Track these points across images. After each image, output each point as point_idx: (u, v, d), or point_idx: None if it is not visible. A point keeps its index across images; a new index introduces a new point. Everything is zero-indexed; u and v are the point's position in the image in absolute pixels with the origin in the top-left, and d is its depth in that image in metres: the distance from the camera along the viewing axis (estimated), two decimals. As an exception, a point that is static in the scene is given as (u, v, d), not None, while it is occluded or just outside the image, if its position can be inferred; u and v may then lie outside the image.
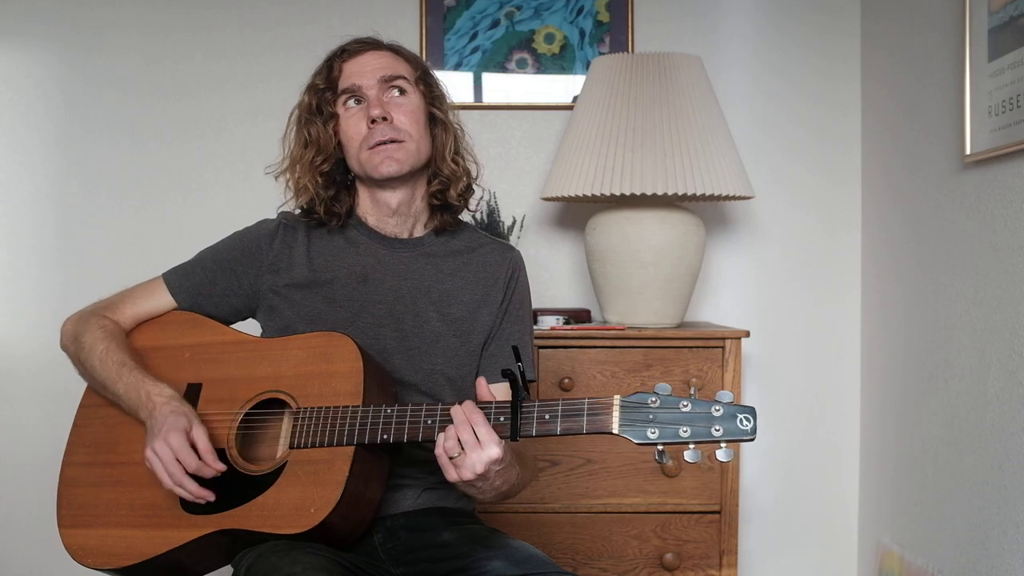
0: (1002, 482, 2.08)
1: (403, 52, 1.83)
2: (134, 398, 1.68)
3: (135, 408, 1.68)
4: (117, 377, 1.71)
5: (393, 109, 1.76)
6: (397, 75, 1.77)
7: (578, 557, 2.39)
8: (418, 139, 1.77)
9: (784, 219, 2.89)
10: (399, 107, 1.76)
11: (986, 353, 2.15)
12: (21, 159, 2.83)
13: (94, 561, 1.66)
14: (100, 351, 1.74)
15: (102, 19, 2.82)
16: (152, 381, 1.68)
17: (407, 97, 1.78)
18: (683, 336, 2.42)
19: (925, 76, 2.47)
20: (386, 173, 1.75)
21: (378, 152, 1.74)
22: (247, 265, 1.81)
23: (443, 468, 1.49)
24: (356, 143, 1.76)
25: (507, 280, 1.84)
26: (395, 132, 1.75)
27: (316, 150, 1.78)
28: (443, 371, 1.77)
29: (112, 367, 1.72)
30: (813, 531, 2.91)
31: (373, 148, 1.74)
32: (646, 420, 1.42)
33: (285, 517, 1.55)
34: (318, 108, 1.78)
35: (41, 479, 1.99)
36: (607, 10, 2.85)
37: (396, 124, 1.75)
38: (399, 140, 1.75)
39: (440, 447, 1.48)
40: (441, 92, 1.84)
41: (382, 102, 1.76)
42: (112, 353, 1.73)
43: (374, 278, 1.79)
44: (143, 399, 1.66)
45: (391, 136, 1.74)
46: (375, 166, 1.75)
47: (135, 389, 1.68)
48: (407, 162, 1.76)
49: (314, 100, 1.79)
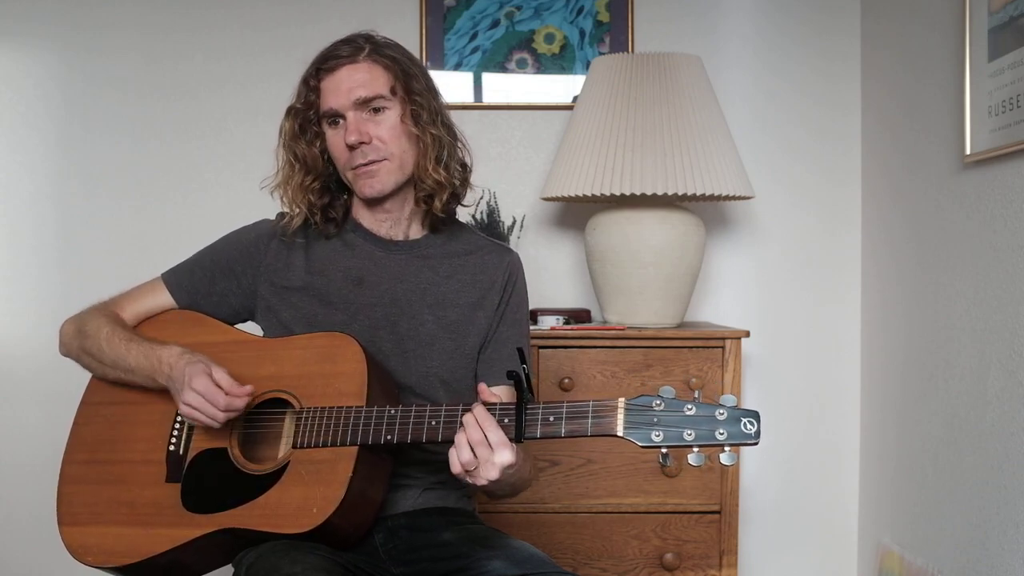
0: (1002, 482, 2.08)
1: (382, 58, 1.75)
2: (147, 366, 1.70)
3: (151, 375, 1.70)
4: (127, 351, 1.73)
5: (371, 128, 1.72)
6: (373, 95, 1.72)
7: (578, 557, 2.39)
8: (400, 154, 1.75)
9: (784, 219, 2.90)
10: (377, 125, 1.73)
11: (986, 353, 2.15)
12: (21, 159, 2.83)
13: (94, 559, 1.66)
14: (106, 333, 1.76)
15: (102, 19, 2.82)
16: (161, 345, 1.70)
17: (385, 114, 1.73)
18: (683, 336, 2.42)
19: (925, 76, 2.47)
20: (369, 195, 1.76)
21: (359, 176, 1.74)
22: (246, 265, 1.81)
23: (460, 479, 1.50)
24: (341, 163, 1.76)
25: (504, 283, 1.83)
26: (375, 152, 1.73)
27: (305, 171, 1.77)
28: (438, 374, 1.77)
29: (120, 344, 1.74)
30: (813, 531, 2.91)
31: (355, 171, 1.74)
32: (650, 423, 1.42)
33: (287, 516, 1.55)
34: (301, 129, 1.76)
35: (41, 479, 1.99)
36: (607, 10, 2.85)
37: (375, 144, 1.72)
38: (379, 160, 1.73)
39: (456, 464, 1.47)
40: (426, 99, 1.76)
41: (359, 123, 1.72)
42: (117, 333, 1.76)
43: (370, 281, 1.79)
44: (156, 364, 1.68)
45: (371, 158, 1.73)
46: (359, 189, 1.76)
47: (146, 357, 1.70)
48: (389, 181, 1.75)
49: (296, 123, 1.76)
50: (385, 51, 1.76)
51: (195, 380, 1.61)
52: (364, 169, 1.73)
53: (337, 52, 1.74)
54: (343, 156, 1.75)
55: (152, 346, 1.71)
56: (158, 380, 1.69)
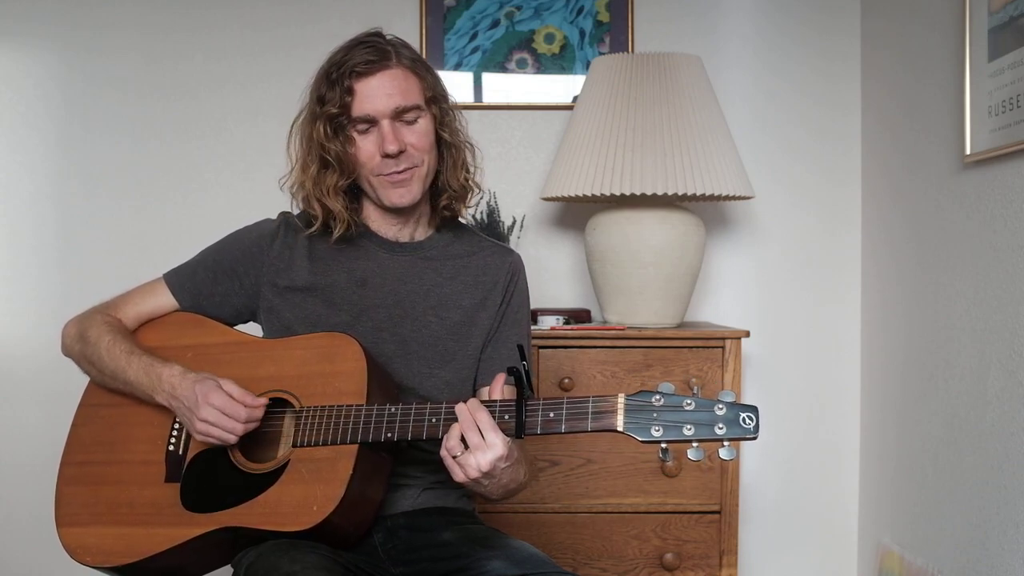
0: (1002, 482, 2.08)
1: (416, 68, 1.75)
2: (147, 382, 1.69)
3: (150, 392, 1.69)
4: (127, 365, 1.72)
5: (406, 135, 1.72)
6: (411, 104, 1.71)
7: (578, 557, 2.39)
8: (430, 161, 1.76)
9: (784, 219, 2.90)
10: (412, 132, 1.73)
11: (986, 353, 2.15)
12: (21, 159, 2.83)
13: (93, 559, 1.66)
14: (106, 342, 1.75)
15: (102, 19, 2.82)
16: (161, 363, 1.70)
17: (421, 122, 1.74)
18: (683, 336, 2.42)
19: (925, 76, 2.47)
20: (399, 204, 1.74)
21: (392, 184, 1.73)
22: (248, 265, 1.81)
23: (449, 469, 1.49)
24: (368, 167, 1.73)
25: (506, 284, 1.83)
26: (408, 160, 1.72)
27: (339, 173, 1.74)
28: (441, 375, 1.77)
29: (120, 356, 1.73)
30: (813, 531, 2.91)
31: (388, 177, 1.73)
32: (650, 418, 1.43)
33: (287, 515, 1.55)
34: (335, 132, 1.72)
35: (41, 479, 1.98)
36: (607, 10, 2.85)
37: (409, 152, 1.72)
38: (411, 167, 1.73)
39: (443, 447, 1.49)
40: (449, 106, 1.79)
41: (396, 131, 1.71)
42: (119, 343, 1.75)
43: (373, 282, 1.78)
44: (156, 382, 1.67)
45: (405, 166, 1.72)
46: (389, 197, 1.74)
47: (146, 374, 1.69)
48: (419, 190, 1.75)
49: (330, 125, 1.72)
50: (416, 64, 1.75)
51: (211, 396, 1.60)
52: (399, 177, 1.72)
53: (367, 56, 1.71)
54: (371, 162, 1.73)
55: (152, 362, 1.70)
56: (157, 398, 1.68)
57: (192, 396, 1.62)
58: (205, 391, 1.61)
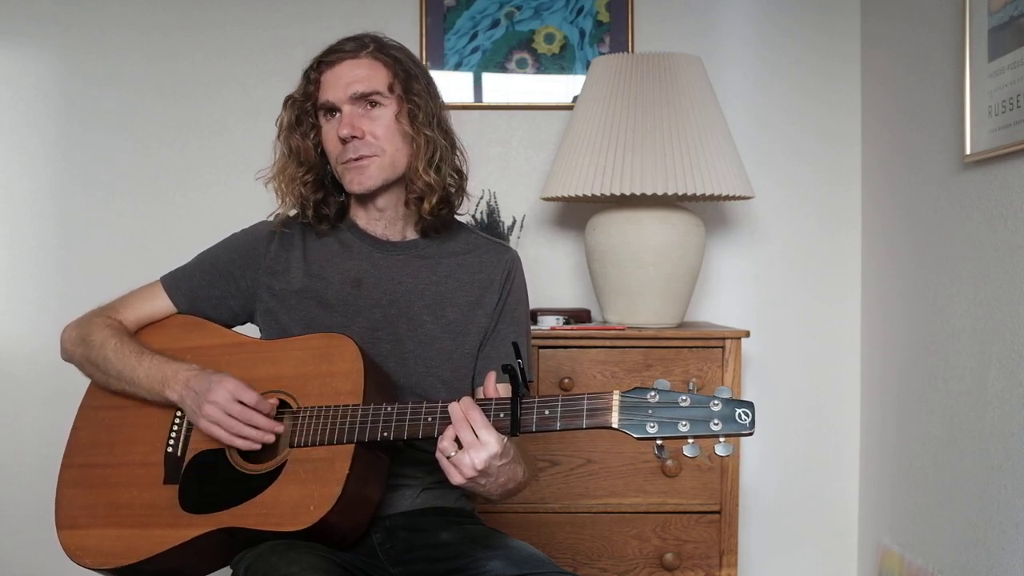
0: (1002, 482, 2.08)
1: (383, 55, 1.75)
2: (158, 379, 1.69)
3: (160, 388, 1.69)
4: (137, 364, 1.72)
5: (365, 123, 1.73)
6: (370, 91, 1.72)
7: (578, 557, 2.39)
8: (392, 152, 1.74)
9: (784, 219, 2.89)
10: (372, 120, 1.73)
11: (986, 353, 2.15)
12: (21, 159, 2.84)
13: (92, 561, 1.66)
14: (114, 344, 1.75)
15: (102, 19, 2.82)
16: (174, 361, 1.70)
17: (381, 110, 1.74)
18: (683, 336, 2.42)
19: (925, 76, 2.46)
20: (357, 190, 1.75)
21: (348, 169, 1.74)
22: (244, 267, 1.81)
23: (445, 471, 1.49)
24: (333, 156, 1.76)
25: (503, 281, 1.83)
26: (367, 148, 1.73)
27: (298, 163, 1.78)
28: (438, 374, 1.77)
29: (130, 356, 1.73)
30: (813, 531, 2.91)
31: (346, 164, 1.74)
32: (645, 415, 1.43)
33: (285, 515, 1.55)
34: (298, 121, 1.77)
35: (41, 479, 1.98)
36: (607, 10, 2.85)
37: (368, 140, 1.73)
38: (370, 155, 1.73)
39: (437, 448, 1.49)
40: (424, 100, 1.76)
41: (354, 118, 1.72)
42: (127, 344, 1.75)
43: (368, 282, 1.78)
44: (168, 377, 1.68)
45: (362, 153, 1.73)
46: (347, 183, 1.76)
47: (158, 370, 1.69)
48: (378, 177, 1.74)
49: (293, 114, 1.77)
50: (389, 50, 1.77)
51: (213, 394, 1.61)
52: (354, 164, 1.73)
53: (340, 47, 1.76)
54: (335, 149, 1.75)
55: (165, 361, 1.71)
56: (166, 395, 1.68)
57: (205, 391, 1.62)
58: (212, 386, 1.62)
